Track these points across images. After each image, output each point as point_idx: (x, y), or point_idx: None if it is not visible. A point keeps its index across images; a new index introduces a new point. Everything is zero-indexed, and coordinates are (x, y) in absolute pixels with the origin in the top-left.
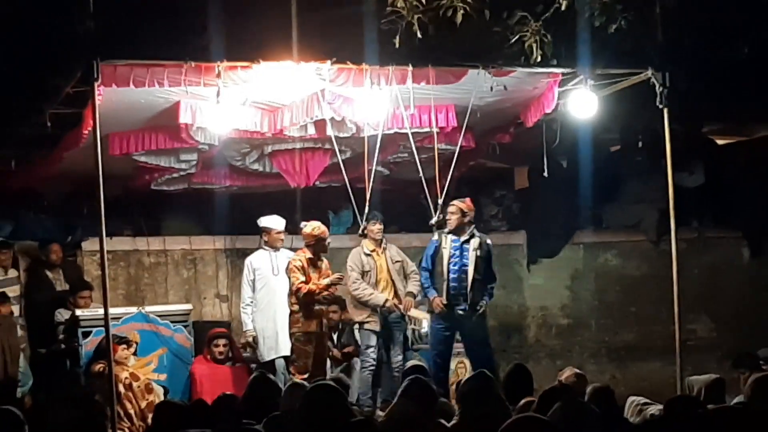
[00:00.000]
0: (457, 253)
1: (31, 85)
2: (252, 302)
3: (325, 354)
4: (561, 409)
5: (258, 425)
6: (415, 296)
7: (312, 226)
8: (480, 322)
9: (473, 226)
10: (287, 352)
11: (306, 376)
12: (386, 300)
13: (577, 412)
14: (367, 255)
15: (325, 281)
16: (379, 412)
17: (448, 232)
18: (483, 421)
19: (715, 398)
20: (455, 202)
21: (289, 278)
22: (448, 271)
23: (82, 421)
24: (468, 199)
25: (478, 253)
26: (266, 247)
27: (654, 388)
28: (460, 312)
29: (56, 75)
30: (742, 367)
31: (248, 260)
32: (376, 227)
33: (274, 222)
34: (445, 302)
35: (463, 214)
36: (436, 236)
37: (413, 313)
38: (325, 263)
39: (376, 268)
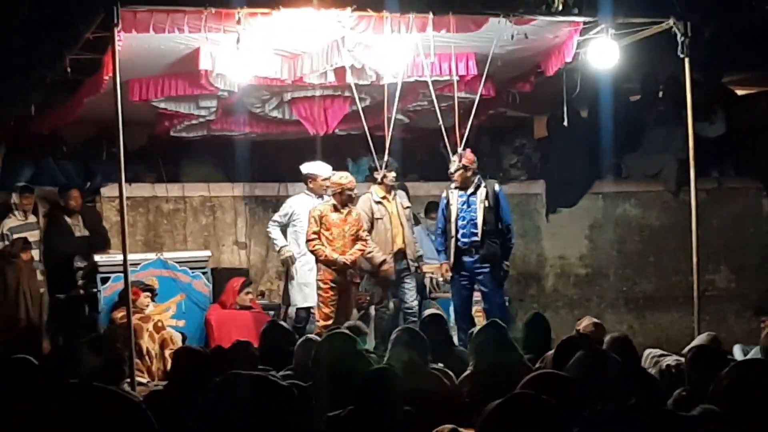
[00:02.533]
0: (465, 207)
1: (52, 30)
2: (278, 225)
3: (349, 302)
4: (581, 358)
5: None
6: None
7: (340, 176)
8: (493, 272)
9: (478, 176)
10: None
11: (330, 322)
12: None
13: (598, 362)
14: (378, 203)
15: (341, 258)
16: None
17: (455, 188)
18: (496, 371)
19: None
20: (454, 157)
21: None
22: (457, 226)
23: (102, 365)
24: (467, 151)
25: (486, 204)
26: (309, 193)
27: (672, 339)
28: (473, 264)
29: (76, 20)
30: (765, 315)
31: (289, 202)
32: (391, 174)
33: (320, 168)
34: (452, 265)
35: (465, 168)
36: (444, 193)
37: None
38: (355, 213)
39: (388, 214)
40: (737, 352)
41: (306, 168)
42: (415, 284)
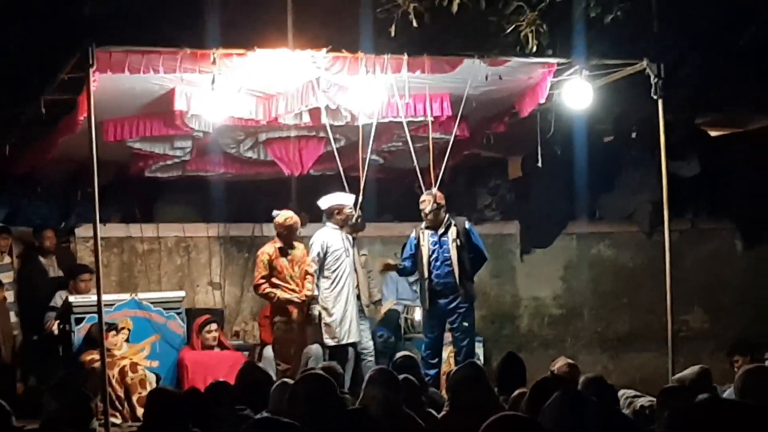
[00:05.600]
0: (436, 247)
1: (26, 70)
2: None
3: (304, 342)
4: (559, 399)
5: (250, 411)
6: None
7: (284, 216)
8: (468, 314)
9: (447, 215)
10: (355, 339)
11: (290, 365)
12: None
13: (575, 403)
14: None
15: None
16: None
17: (425, 227)
18: (472, 411)
19: (704, 389)
20: (425, 196)
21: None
22: (430, 267)
23: (68, 409)
24: (436, 191)
25: (458, 243)
26: (334, 226)
27: (646, 379)
28: (447, 305)
29: (51, 61)
30: (737, 354)
31: (320, 239)
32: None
33: (344, 198)
34: (427, 307)
35: (438, 207)
36: (413, 233)
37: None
38: (300, 251)
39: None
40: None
41: (329, 201)
42: (368, 326)
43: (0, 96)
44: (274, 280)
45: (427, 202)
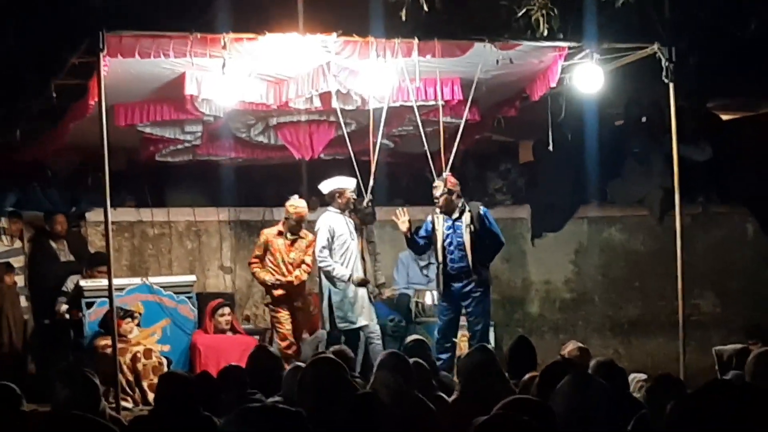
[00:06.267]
0: (451, 232)
1: (37, 56)
2: (328, 251)
3: (305, 320)
4: (569, 383)
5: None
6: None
7: (293, 204)
8: (483, 299)
9: (462, 200)
10: (366, 322)
11: (287, 343)
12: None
13: (586, 387)
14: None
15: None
16: None
17: (440, 213)
18: (483, 396)
19: (742, 366)
20: (437, 182)
21: None
22: (444, 252)
23: (75, 396)
24: (449, 175)
25: (472, 228)
26: (336, 210)
27: (657, 364)
28: (462, 289)
29: (62, 46)
30: (754, 338)
31: (324, 223)
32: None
33: (345, 182)
34: (441, 292)
35: (450, 192)
36: (429, 217)
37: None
38: (305, 241)
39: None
40: None
41: (330, 185)
42: (374, 310)
43: (10, 83)
44: (267, 262)
45: (438, 188)
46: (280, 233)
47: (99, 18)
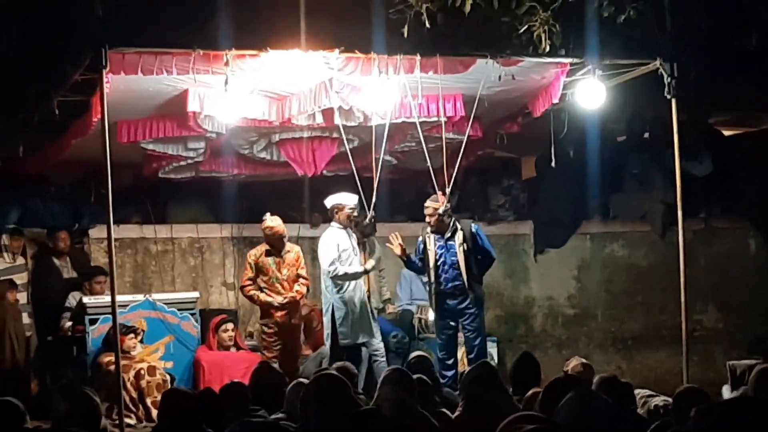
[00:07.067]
0: (443, 251)
1: (40, 71)
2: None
3: (295, 346)
4: (573, 399)
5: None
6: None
7: (269, 222)
8: (479, 316)
9: (452, 219)
10: (369, 338)
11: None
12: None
13: (590, 403)
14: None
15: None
16: None
17: (431, 232)
18: (486, 411)
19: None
20: (428, 202)
21: None
22: (437, 271)
23: (75, 413)
24: (439, 194)
25: (465, 248)
26: (339, 226)
27: (660, 379)
28: (457, 305)
29: (65, 62)
30: (757, 354)
31: (329, 238)
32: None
33: (345, 198)
34: (435, 309)
35: (443, 212)
36: (421, 237)
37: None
38: (293, 254)
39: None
40: (726, 393)
41: (332, 200)
42: (379, 327)
43: (11, 97)
44: (260, 282)
45: (429, 207)
46: (268, 252)
47: (99, 34)
